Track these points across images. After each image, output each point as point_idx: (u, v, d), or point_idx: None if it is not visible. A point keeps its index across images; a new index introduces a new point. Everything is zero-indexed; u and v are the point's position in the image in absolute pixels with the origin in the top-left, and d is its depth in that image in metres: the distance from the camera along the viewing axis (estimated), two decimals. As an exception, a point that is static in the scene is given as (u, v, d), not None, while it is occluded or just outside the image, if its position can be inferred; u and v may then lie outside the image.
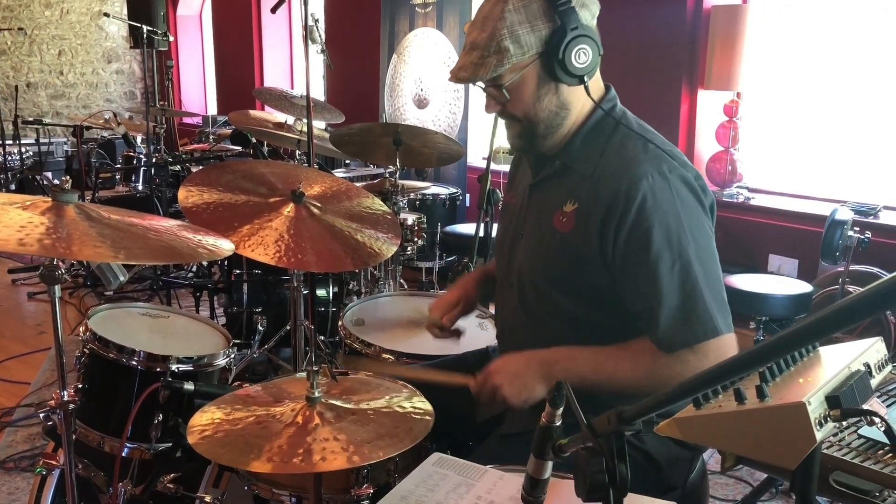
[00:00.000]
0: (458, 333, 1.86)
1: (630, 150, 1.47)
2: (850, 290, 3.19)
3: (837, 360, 0.91)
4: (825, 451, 1.27)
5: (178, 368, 1.86)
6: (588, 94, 1.49)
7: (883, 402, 1.43)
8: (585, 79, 1.46)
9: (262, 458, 1.21)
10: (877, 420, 0.86)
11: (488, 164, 3.18)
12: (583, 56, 1.43)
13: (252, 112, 4.21)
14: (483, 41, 1.43)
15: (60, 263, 1.46)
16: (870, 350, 0.95)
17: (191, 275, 4.81)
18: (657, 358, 1.42)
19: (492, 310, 2.13)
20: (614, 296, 1.47)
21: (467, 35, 1.48)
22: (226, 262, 3.60)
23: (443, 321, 1.81)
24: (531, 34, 1.42)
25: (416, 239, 3.54)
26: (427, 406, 1.40)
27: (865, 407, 0.86)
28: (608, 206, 1.43)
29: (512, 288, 1.64)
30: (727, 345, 1.41)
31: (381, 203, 2.07)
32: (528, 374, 1.48)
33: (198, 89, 9.25)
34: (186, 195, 1.83)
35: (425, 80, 5.43)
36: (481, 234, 3.34)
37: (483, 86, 1.50)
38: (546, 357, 1.50)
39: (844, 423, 1.32)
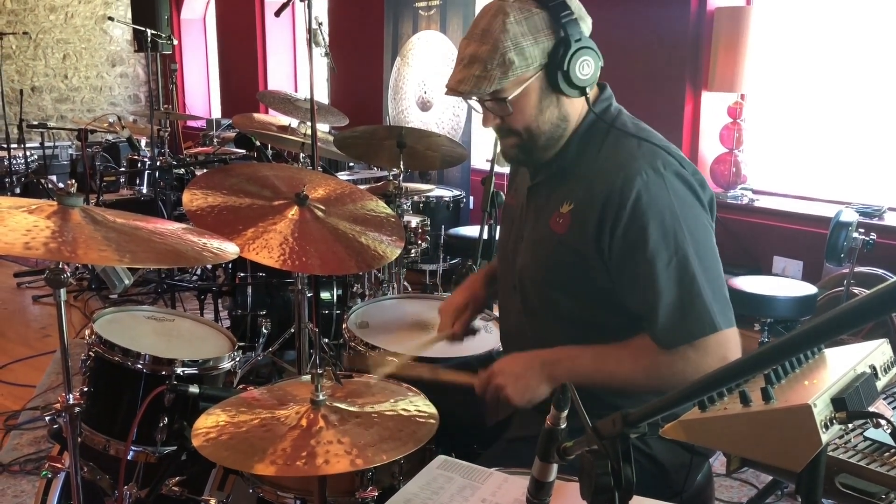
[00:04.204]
0: (472, 332, 1.85)
1: (624, 149, 1.47)
2: (856, 291, 3.18)
3: (843, 362, 0.91)
4: (831, 453, 1.27)
5: (183, 371, 1.86)
6: (588, 104, 1.49)
7: (889, 404, 1.43)
8: (587, 90, 1.46)
9: (266, 460, 1.22)
10: (882, 422, 0.85)
11: (492, 167, 3.18)
12: (586, 68, 1.43)
13: (256, 115, 4.22)
14: (485, 54, 1.41)
15: (66, 267, 1.46)
16: (875, 352, 0.95)
17: (195, 278, 4.82)
18: (657, 355, 1.42)
19: (496, 311, 2.13)
20: (615, 295, 1.47)
21: (463, 49, 1.46)
22: (230, 266, 3.61)
23: (454, 328, 1.80)
24: (535, 46, 1.41)
25: (419, 241, 3.53)
26: (431, 409, 1.40)
27: (871, 409, 0.86)
28: (603, 205, 1.43)
29: (514, 290, 1.63)
30: (728, 340, 1.40)
31: (385, 206, 2.08)
32: (531, 374, 1.48)
33: (202, 93, 9.27)
34: (191, 198, 1.83)
35: (429, 83, 5.43)
36: (485, 236, 3.34)
37: (478, 99, 1.48)
38: (548, 357, 1.50)
39: (850, 426, 1.32)
